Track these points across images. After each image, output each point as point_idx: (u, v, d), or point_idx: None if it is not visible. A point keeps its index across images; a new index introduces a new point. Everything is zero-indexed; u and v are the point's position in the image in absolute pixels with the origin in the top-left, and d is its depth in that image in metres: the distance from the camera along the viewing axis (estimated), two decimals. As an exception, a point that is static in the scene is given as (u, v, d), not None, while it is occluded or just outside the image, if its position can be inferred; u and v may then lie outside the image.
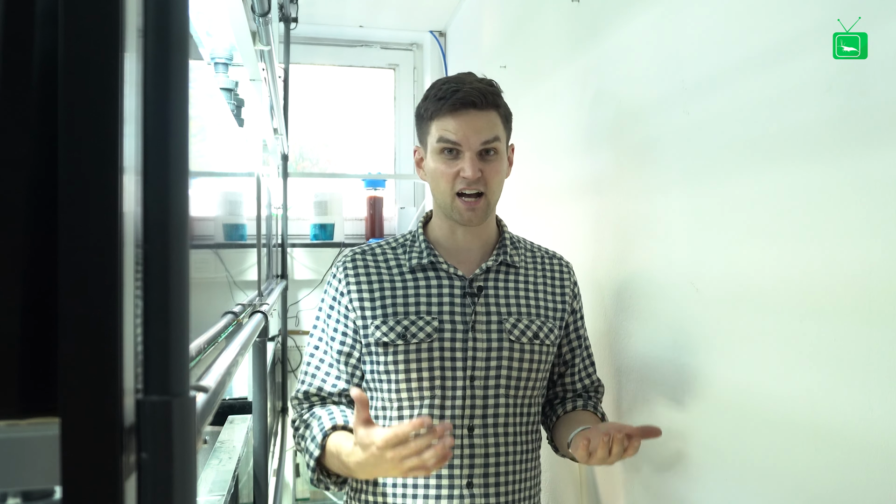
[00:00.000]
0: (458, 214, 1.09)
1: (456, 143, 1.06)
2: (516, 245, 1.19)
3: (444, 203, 1.10)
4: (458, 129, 1.06)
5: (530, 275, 1.18)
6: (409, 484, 1.07)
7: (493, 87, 1.10)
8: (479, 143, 1.06)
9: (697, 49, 1.05)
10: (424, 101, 1.11)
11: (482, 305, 1.10)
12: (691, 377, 1.08)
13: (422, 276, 1.12)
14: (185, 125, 0.31)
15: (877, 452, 0.72)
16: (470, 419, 1.07)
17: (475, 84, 1.08)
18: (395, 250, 1.16)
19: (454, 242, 1.15)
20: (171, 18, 0.31)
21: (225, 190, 1.26)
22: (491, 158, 1.08)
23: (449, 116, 1.06)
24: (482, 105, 1.06)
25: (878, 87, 0.72)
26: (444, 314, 1.09)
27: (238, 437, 1.69)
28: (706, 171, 1.03)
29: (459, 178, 1.07)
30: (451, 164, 1.07)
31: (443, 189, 1.09)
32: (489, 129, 1.07)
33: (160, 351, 0.31)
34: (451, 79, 1.10)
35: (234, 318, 1.06)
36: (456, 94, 1.06)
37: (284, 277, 2.64)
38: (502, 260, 1.15)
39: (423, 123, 1.12)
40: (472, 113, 1.06)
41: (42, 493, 0.33)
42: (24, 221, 0.31)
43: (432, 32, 3.21)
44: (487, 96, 1.07)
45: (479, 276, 1.12)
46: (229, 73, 1.68)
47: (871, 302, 0.72)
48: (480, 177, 1.06)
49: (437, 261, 1.12)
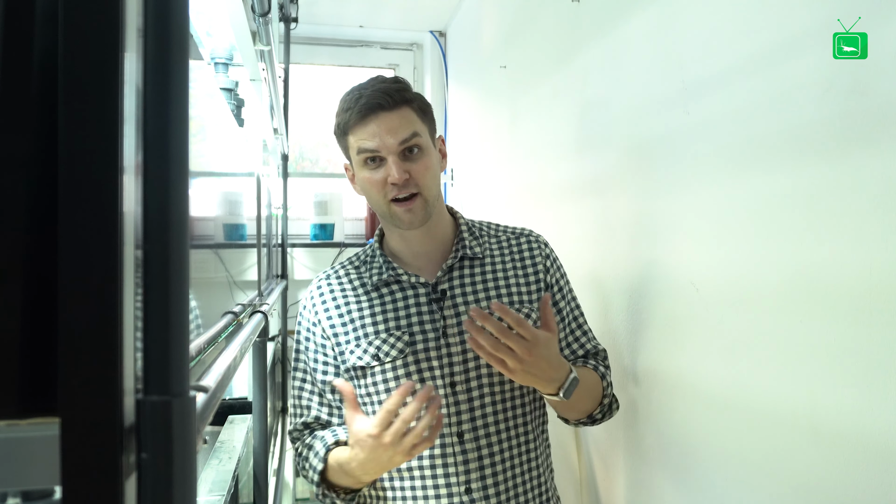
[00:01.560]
0: (398, 220, 1.06)
1: (374, 150, 1.03)
2: (476, 234, 1.16)
3: (383, 212, 1.08)
4: (373, 134, 1.03)
5: (497, 261, 1.14)
6: (409, 497, 1.05)
7: (398, 84, 1.07)
8: (398, 144, 1.03)
9: (697, 49, 1.05)
10: (336, 116, 1.09)
11: (449, 308, 1.07)
12: (691, 377, 1.08)
13: (386, 292, 1.09)
14: (185, 125, 0.31)
15: (877, 452, 0.72)
16: (458, 425, 1.05)
17: (378, 86, 1.05)
18: (358, 269, 1.14)
19: (410, 249, 1.12)
20: (171, 18, 0.31)
21: (225, 190, 1.26)
22: (416, 156, 1.05)
23: (360, 125, 1.04)
24: (389, 105, 1.03)
25: (878, 87, 0.72)
26: (413, 326, 1.06)
27: (238, 437, 1.69)
28: (706, 171, 1.03)
29: (388, 184, 1.04)
30: (376, 172, 1.05)
31: (376, 199, 1.06)
32: (404, 127, 1.04)
33: (160, 351, 0.31)
34: (355, 88, 1.07)
35: (234, 318, 1.06)
36: (360, 101, 1.03)
37: (284, 277, 2.64)
38: (463, 254, 1.11)
39: (342, 139, 1.09)
40: (382, 115, 1.03)
41: (42, 493, 0.33)
42: (24, 221, 0.31)
43: (432, 32, 3.21)
44: (393, 94, 1.04)
45: (442, 279, 1.10)
46: (229, 73, 1.68)
47: (871, 302, 0.72)
48: (409, 178, 1.04)
49: (397, 273, 1.09)
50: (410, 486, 1.05)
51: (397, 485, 1.06)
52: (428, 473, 1.04)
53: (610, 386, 1.15)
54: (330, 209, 3.02)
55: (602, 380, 1.13)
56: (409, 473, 1.05)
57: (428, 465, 1.04)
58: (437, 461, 1.04)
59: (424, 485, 1.04)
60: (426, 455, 1.04)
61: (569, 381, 1.01)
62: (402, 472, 1.05)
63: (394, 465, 0.95)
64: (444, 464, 1.04)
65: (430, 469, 1.04)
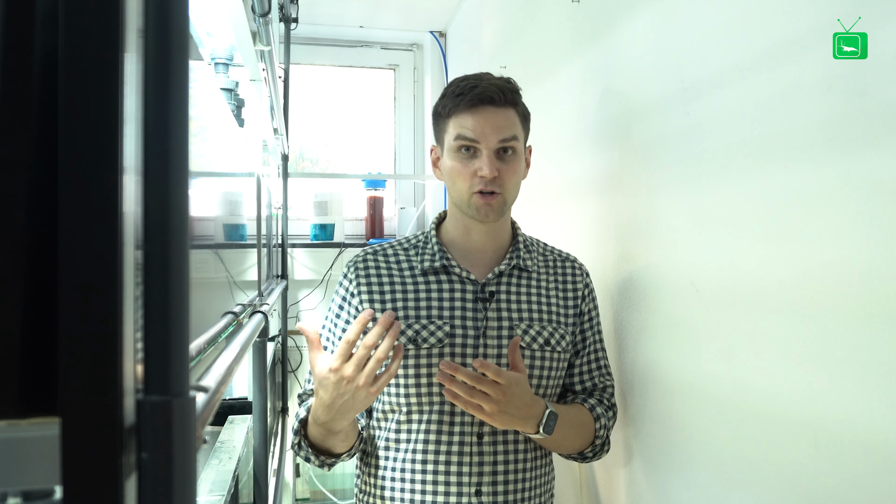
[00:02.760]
0: (475, 210, 1.07)
1: (473, 141, 1.05)
2: (529, 248, 1.18)
3: (461, 200, 1.08)
4: (476, 125, 1.04)
5: (542, 279, 1.16)
6: (418, 490, 1.05)
7: (511, 85, 1.09)
8: (497, 141, 1.05)
9: (698, 49, 1.05)
10: (442, 98, 1.10)
11: (494, 311, 1.09)
12: (691, 377, 1.08)
13: (433, 280, 1.10)
14: (186, 125, 0.31)
15: (876, 452, 0.72)
16: (480, 426, 1.06)
17: (494, 81, 1.07)
18: (408, 252, 1.14)
19: (468, 243, 1.13)
20: (171, 19, 0.31)
21: (225, 190, 1.26)
22: (509, 158, 1.07)
23: (467, 113, 1.05)
24: (500, 102, 1.05)
25: (878, 87, 0.72)
26: (455, 319, 1.07)
27: (238, 437, 1.69)
28: (706, 172, 1.03)
29: (477, 177, 1.05)
30: (468, 162, 1.06)
31: (459, 188, 1.08)
32: (507, 127, 1.06)
33: (160, 351, 0.31)
34: (469, 76, 1.09)
35: (234, 319, 1.06)
36: (474, 90, 1.04)
37: (285, 278, 2.64)
38: (515, 264, 1.13)
39: (441, 121, 1.10)
40: (490, 110, 1.05)
41: (42, 493, 0.33)
42: (24, 221, 0.31)
43: (432, 33, 3.21)
44: (506, 93, 1.06)
45: (492, 281, 1.11)
46: (229, 73, 1.68)
47: (870, 302, 0.72)
48: (497, 176, 1.05)
49: (450, 264, 1.10)
50: (422, 479, 1.05)
51: (408, 477, 1.06)
52: (441, 469, 1.04)
53: (604, 428, 1.15)
54: (330, 209, 3.02)
55: (596, 421, 1.14)
56: (423, 467, 1.05)
57: (443, 462, 1.04)
58: (454, 458, 1.04)
59: (436, 480, 1.04)
60: (443, 451, 1.05)
61: (545, 416, 1.02)
62: (415, 465, 1.05)
63: (359, 406, 0.94)
64: (459, 462, 1.05)
65: (444, 465, 1.04)
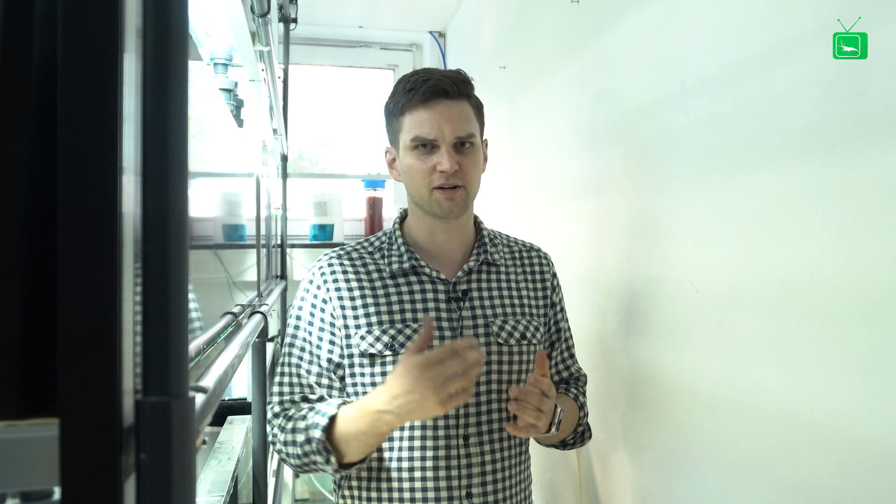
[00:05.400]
0: (438, 206, 1.04)
1: (431, 140, 1.02)
2: (494, 241, 1.16)
3: (422, 198, 1.05)
4: (432, 121, 1.02)
5: (511, 272, 1.15)
6: (407, 498, 1.04)
7: (463, 76, 1.07)
8: (454, 136, 1.02)
9: (697, 49, 1.05)
10: (393, 95, 1.07)
11: (468, 310, 1.07)
12: (690, 376, 1.08)
13: (403, 282, 1.07)
14: (185, 125, 0.31)
15: (876, 452, 0.72)
16: (465, 428, 1.04)
17: (445, 73, 1.05)
18: (373, 255, 1.11)
19: (434, 242, 1.10)
20: (171, 19, 0.31)
21: (224, 190, 1.26)
22: (467, 150, 1.05)
23: (421, 108, 1.02)
24: (454, 94, 1.03)
25: (878, 87, 0.72)
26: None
27: (237, 437, 1.69)
28: (706, 172, 1.03)
29: (436, 172, 1.02)
30: (425, 159, 1.03)
31: (419, 185, 1.04)
32: (463, 120, 1.04)
33: (159, 352, 0.31)
34: (418, 71, 1.07)
35: (233, 319, 1.06)
36: (427, 83, 1.02)
37: (284, 278, 2.64)
38: (483, 259, 1.11)
39: (394, 120, 1.07)
40: (445, 103, 1.02)
41: (41, 493, 0.33)
42: (24, 221, 0.31)
43: (432, 33, 3.21)
44: (459, 85, 1.04)
45: (462, 279, 1.09)
46: (229, 73, 1.68)
47: (870, 302, 0.72)
48: (458, 169, 1.03)
49: (419, 265, 1.07)
50: (410, 487, 1.04)
51: (395, 486, 1.05)
52: (430, 475, 1.03)
53: (586, 416, 1.17)
54: (329, 210, 3.02)
55: (580, 409, 1.16)
56: (410, 474, 1.04)
57: (431, 467, 1.03)
58: (441, 463, 1.04)
59: (425, 486, 1.03)
60: (430, 456, 1.03)
61: (557, 416, 1.04)
62: (402, 473, 1.04)
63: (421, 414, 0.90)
64: (447, 465, 1.04)
65: (432, 471, 1.03)
